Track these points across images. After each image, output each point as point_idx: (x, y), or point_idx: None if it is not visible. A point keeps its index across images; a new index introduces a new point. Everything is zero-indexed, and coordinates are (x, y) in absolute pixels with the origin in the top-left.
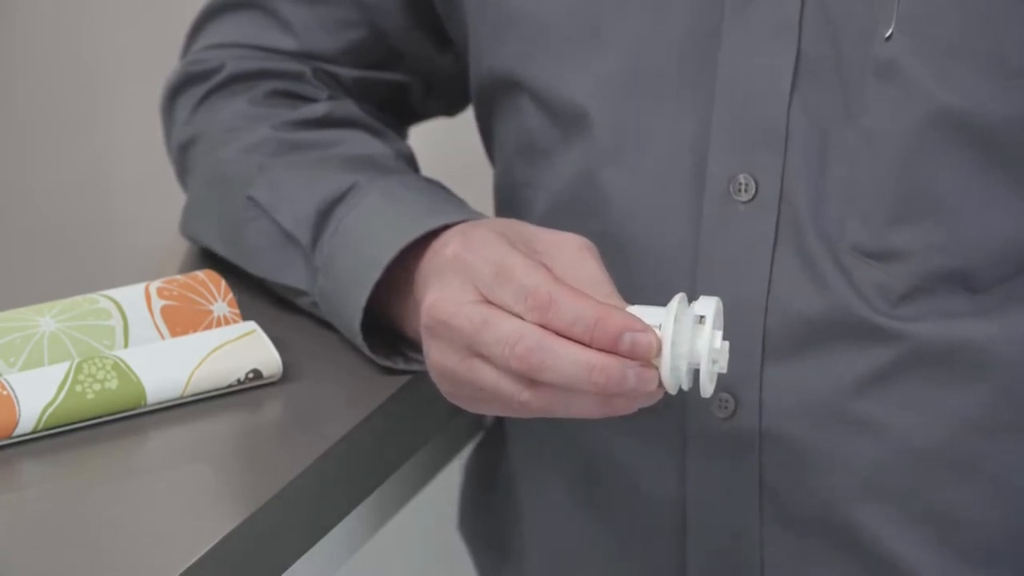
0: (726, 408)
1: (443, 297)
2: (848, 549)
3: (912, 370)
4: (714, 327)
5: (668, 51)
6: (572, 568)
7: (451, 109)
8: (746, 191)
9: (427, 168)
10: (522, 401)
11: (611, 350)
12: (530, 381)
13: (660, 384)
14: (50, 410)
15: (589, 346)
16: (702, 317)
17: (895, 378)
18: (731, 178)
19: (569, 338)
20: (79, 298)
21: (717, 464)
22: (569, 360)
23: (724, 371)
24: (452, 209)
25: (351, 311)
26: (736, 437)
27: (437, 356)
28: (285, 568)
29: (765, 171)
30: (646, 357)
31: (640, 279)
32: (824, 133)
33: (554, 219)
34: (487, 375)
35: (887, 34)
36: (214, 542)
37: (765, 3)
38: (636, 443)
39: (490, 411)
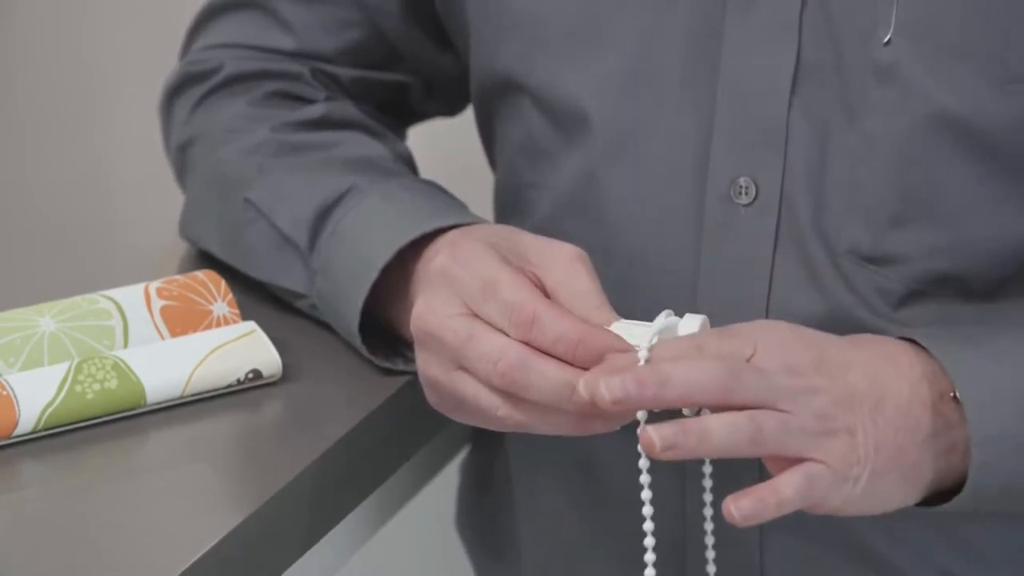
0: None
1: (430, 308)
2: (847, 553)
3: None
4: None
5: (669, 51)
6: (568, 568)
7: (451, 110)
8: (746, 194)
9: (427, 170)
10: (498, 416)
11: None
12: (510, 397)
13: None
14: (50, 410)
15: (572, 365)
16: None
17: None
18: (732, 181)
19: (553, 356)
20: (79, 298)
21: (717, 467)
22: (550, 379)
23: None
24: (450, 212)
25: (349, 313)
26: None
27: (423, 366)
28: (285, 568)
29: (765, 173)
30: None
31: (641, 280)
32: (824, 135)
33: (557, 220)
34: (468, 388)
35: (886, 38)
36: (214, 542)
37: (766, 4)
38: (634, 443)
39: (471, 422)
